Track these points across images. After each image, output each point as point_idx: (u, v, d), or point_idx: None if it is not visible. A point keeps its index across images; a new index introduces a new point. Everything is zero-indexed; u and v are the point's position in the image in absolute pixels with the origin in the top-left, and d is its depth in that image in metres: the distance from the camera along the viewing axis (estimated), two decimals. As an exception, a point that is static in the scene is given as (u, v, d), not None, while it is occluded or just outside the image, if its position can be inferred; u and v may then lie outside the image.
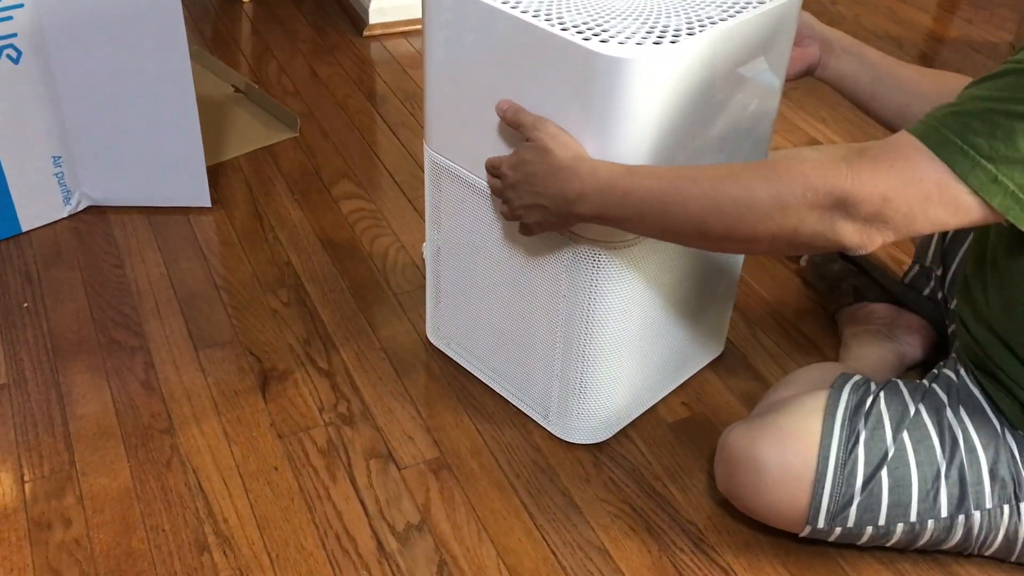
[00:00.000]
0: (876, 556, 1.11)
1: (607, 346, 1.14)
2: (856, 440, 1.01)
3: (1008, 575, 1.09)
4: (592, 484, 1.19)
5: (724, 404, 1.31)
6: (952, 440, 1.01)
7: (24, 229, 1.57)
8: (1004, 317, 1.00)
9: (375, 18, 2.26)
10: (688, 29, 0.96)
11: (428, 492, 1.17)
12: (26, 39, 1.42)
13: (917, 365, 1.34)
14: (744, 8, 1.01)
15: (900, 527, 1.02)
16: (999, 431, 1.01)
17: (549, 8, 0.99)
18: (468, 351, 1.32)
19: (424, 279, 1.39)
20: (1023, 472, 0.99)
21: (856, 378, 1.08)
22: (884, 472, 1.00)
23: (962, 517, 1.00)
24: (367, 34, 2.26)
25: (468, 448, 1.23)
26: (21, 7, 1.40)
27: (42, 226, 1.58)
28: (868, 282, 1.40)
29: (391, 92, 2.04)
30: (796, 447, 1.02)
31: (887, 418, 1.03)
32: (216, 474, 1.18)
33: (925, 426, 1.02)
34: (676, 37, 0.95)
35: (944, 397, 1.05)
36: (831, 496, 1.01)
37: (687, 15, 0.99)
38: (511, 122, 1.02)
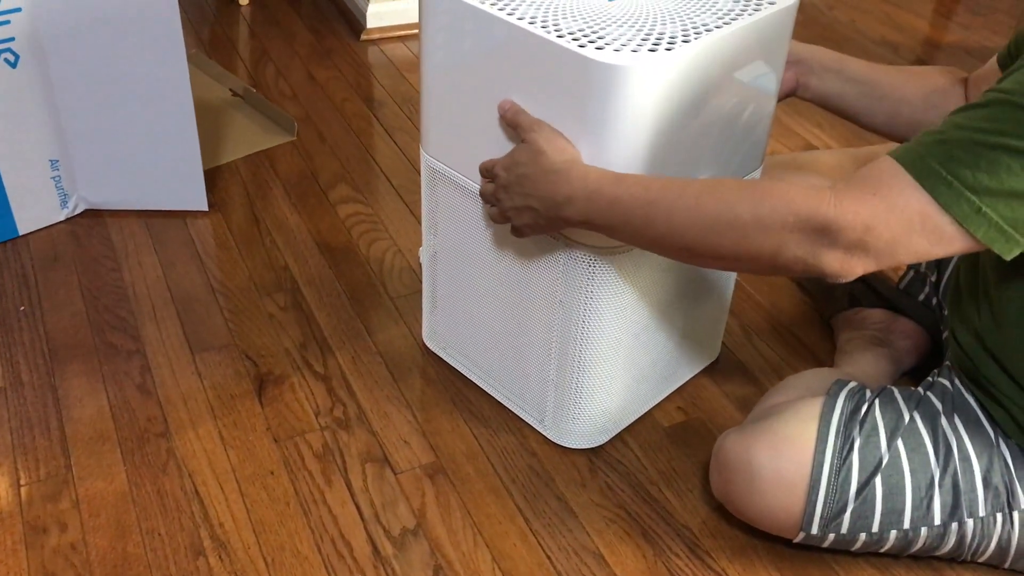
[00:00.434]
0: (870, 562, 1.11)
1: (602, 351, 1.15)
2: (851, 447, 1.01)
3: (1002, 580, 1.09)
4: (588, 489, 1.19)
5: (720, 409, 1.32)
6: (946, 448, 1.01)
7: (21, 232, 1.57)
8: (994, 334, 1.00)
9: (372, 22, 2.27)
10: (683, 36, 0.97)
11: (424, 497, 1.17)
12: (24, 43, 1.43)
13: (912, 370, 1.35)
14: (739, 15, 1.01)
15: (893, 534, 1.02)
16: (993, 439, 1.02)
17: (545, 15, 0.99)
18: (464, 355, 1.33)
19: (420, 283, 1.39)
20: (1016, 481, 0.99)
21: (851, 385, 1.08)
22: (878, 479, 1.00)
23: (955, 525, 1.01)
24: (364, 38, 2.27)
25: (464, 453, 1.23)
26: (19, 11, 1.40)
27: (39, 229, 1.59)
28: (863, 287, 1.40)
29: (388, 96, 2.04)
30: (791, 453, 1.02)
31: (882, 425, 1.03)
32: (212, 478, 1.18)
33: (919, 434, 1.02)
34: (671, 44, 0.95)
35: (939, 405, 1.05)
36: (825, 503, 1.01)
37: (682, 22, 0.99)
38: (510, 121, 1.03)
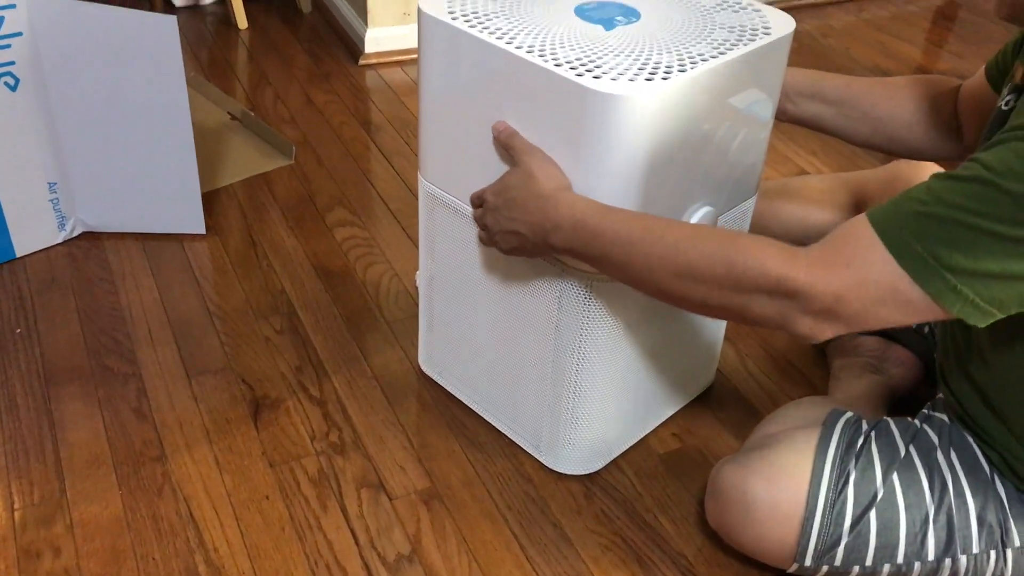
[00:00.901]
0: (865, 590, 1.11)
1: (598, 377, 1.15)
2: (846, 480, 1.01)
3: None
4: (583, 515, 1.19)
5: (715, 435, 1.32)
6: (941, 484, 1.01)
7: (18, 254, 1.57)
8: (987, 383, 1.00)
9: (371, 47, 2.28)
10: (680, 66, 0.98)
11: (419, 522, 1.17)
12: (24, 67, 1.43)
13: (905, 398, 1.35)
14: (735, 46, 1.03)
15: (887, 568, 1.02)
16: (989, 476, 1.01)
17: (543, 43, 1.01)
18: (460, 380, 1.33)
19: (417, 307, 1.40)
20: (1010, 519, 0.99)
21: (847, 416, 1.08)
22: (873, 513, 1.00)
23: (948, 560, 1.00)
24: (363, 63, 2.28)
25: (459, 478, 1.23)
26: (20, 35, 1.41)
27: (36, 251, 1.59)
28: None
29: (386, 120, 2.05)
30: (786, 485, 1.02)
31: (877, 459, 1.03)
32: (207, 502, 1.18)
33: (915, 469, 1.02)
34: (668, 74, 0.96)
35: (935, 439, 1.05)
36: (819, 535, 1.01)
37: (678, 52, 1.00)
38: (504, 143, 1.04)
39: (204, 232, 1.65)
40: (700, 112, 1.01)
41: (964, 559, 1.00)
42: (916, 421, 1.09)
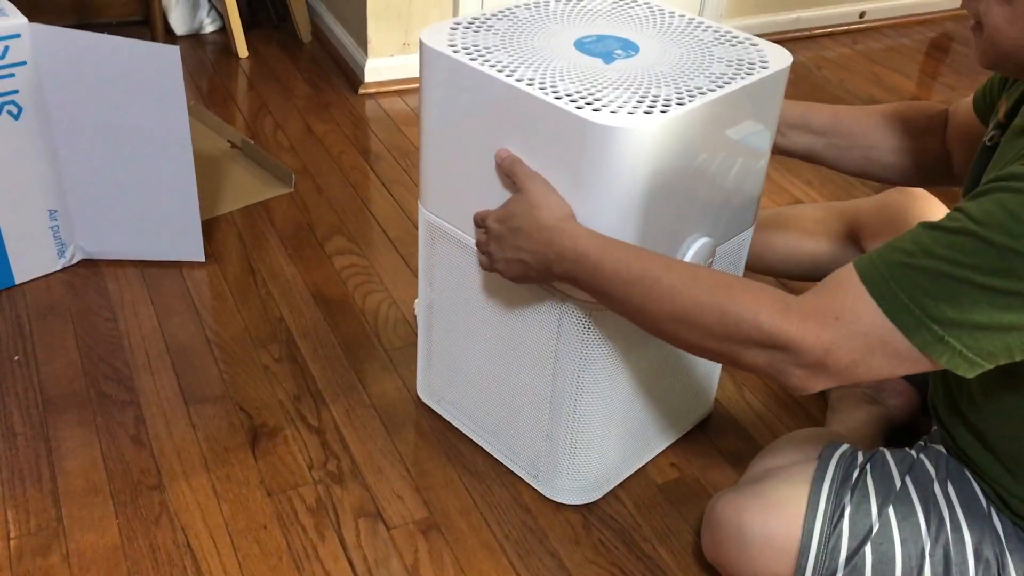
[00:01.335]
0: (864, 621, 1.11)
1: (597, 407, 1.15)
2: (841, 514, 1.01)
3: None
4: (581, 546, 1.19)
5: (713, 465, 1.32)
6: (938, 518, 1.00)
7: (17, 281, 1.57)
8: (978, 420, 1.00)
9: (370, 76, 2.30)
10: (678, 99, 0.99)
11: (417, 552, 1.17)
12: (27, 96, 1.44)
13: (903, 428, 1.35)
14: (732, 79, 1.04)
15: None
16: (986, 510, 1.01)
17: (543, 76, 1.02)
18: (458, 409, 1.33)
19: (415, 336, 1.40)
20: (1007, 554, 0.99)
21: (843, 449, 1.08)
22: (868, 548, 1.00)
23: None
24: (362, 92, 2.30)
25: (457, 508, 1.23)
26: (24, 64, 1.42)
27: (35, 279, 1.59)
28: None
29: (385, 149, 2.07)
30: (781, 519, 1.02)
31: (873, 492, 1.03)
32: (205, 532, 1.18)
33: (911, 502, 1.02)
34: (667, 107, 0.97)
35: (932, 472, 1.05)
36: (815, 570, 1.00)
37: (676, 85, 1.02)
38: (506, 171, 1.04)
39: (203, 260, 1.65)
40: (698, 144, 1.02)
41: None
42: (913, 452, 1.09)
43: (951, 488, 1.03)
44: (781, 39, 2.66)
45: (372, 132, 2.14)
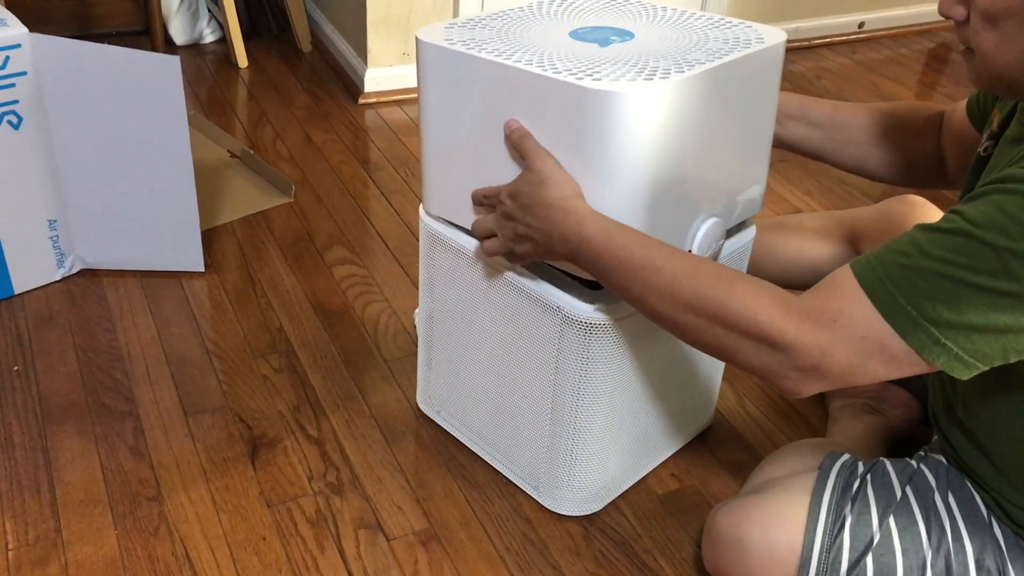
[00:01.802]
0: (866, 633, 1.10)
1: (597, 418, 1.15)
2: (842, 525, 1.01)
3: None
4: (582, 557, 1.18)
5: (714, 476, 1.32)
6: (939, 528, 1.00)
7: (16, 291, 1.57)
8: (978, 427, 1.00)
9: (370, 86, 2.30)
10: (677, 68, 0.98)
11: (417, 564, 1.16)
12: (27, 106, 1.45)
13: (904, 438, 1.35)
14: (730, 52, 1.03)
15: None
16: (987, 520, 1.01)
17: (540, 59, 1.01)
18: (458, 420, 1.33)
19: (415, 346, 1.40)
20: (1008, 563, 0.98)
21: (844, 459, 1.08)
22: (869, 559, 1.00)
23: None
24: (362, 102, 2.30)
25: (457, 519, 1.22)
26: (24, 75, 1.42)
27: (35, 288, 1.59)
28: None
29: (385, 159, 2.07)
30: (782, 530, 1.02)
31: (873, 503, 1.02)
32: (204, 543, 1.17)
33: (912, 512, 1.02)
34: (666, 75, 0.97)
35: (933, 481, 1.04)
36: None
37: (675, 59, 1.01)
38: (515, 143, 1.03)
39: (203, 270, 1.65)
40: (700, 114, 1.01)
41: None
42: (913, 462, 1.09)
43: (952, 498, 1.03)
44: (780, 49, 2.66)
45: (372, 142, 2.14)
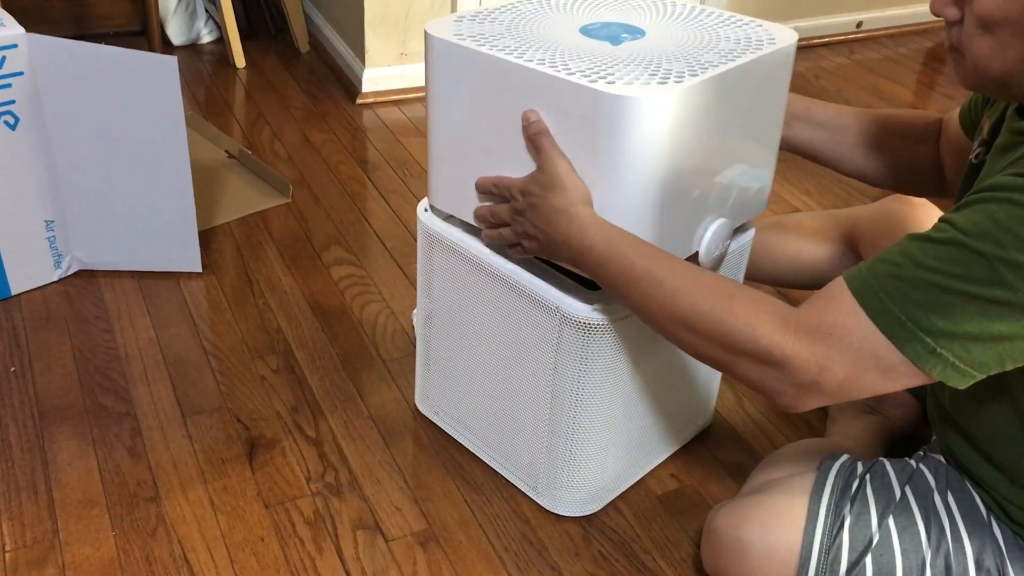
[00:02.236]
0: (866, 634, 1.10)
1: (596, 419, 1.15)
2: (841, 525, 1.01)
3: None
4: (581, 558, 1.18)
5: (713, 476, 1.31)
6: (939, 528, 1.00)
7: (13, 292, 1.57)
8: (977, 428, 1.00)
9: (368, 86, 2.30)
10: (691, 72, 0.98)
11: (415, 565, 1.16)
12: (24, 106, 1.44)
13: (904, 438, 1.35)
14: (742, 54, 1.03)
15: None
16: (986, 519, 1.01)
17: (552, 57, 1.01)
18: (457, 420, 1.32)
19: (413, 346, 1.39)
20: (1008, 563, 0.98)
21: (843, 459, 1.08)
22: (869, 559, 0.99)
23: None
24: (360, 102, 2.30)
25: (456, 520, 1.22)
26: (20, 75, 1.42)
27: (32, 289, 1.58)
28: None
29: (383, 159, 2.06)
30: (781, 531, 1.02)
31: (873, 503, 1.02)
32: (202, 544, 1.17)
33: (911, 512, 1.01)
34: (680, 79, 0.96)
35: (932, 481, 1.04)
36: None
37: (687, 61, 1.01)
38: (531, 138, 1.02)
39: (200, 270, 1.65)
40: (712, 117, 1.01)
41: None
42: (912, 462, 1.09)
43: (951, 498, 1.02)
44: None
45: (370, 142, 2.13)
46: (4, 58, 1.40)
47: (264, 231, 1.79)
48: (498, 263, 1.13)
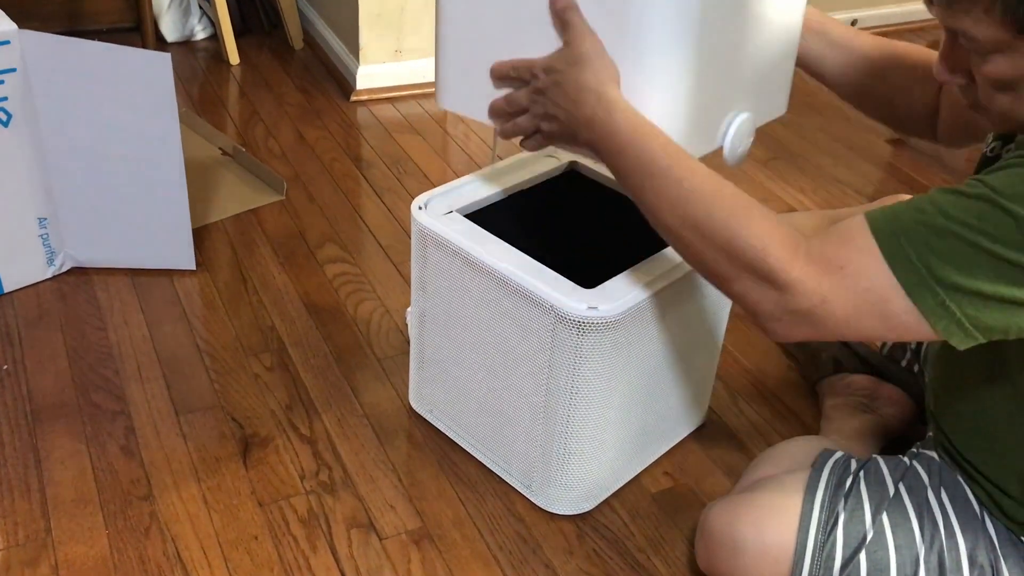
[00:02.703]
0: (859, 632, 1.10)
1: (590, 417, 1.15)
2: (835, 522, 1.01)
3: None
4: (575, 556, 1.18)
5: (707, 474, 1.31)
6: (932, 524, 1.01)
7: (6, 290, 1.56)
8: (981, 417, 1.00)
9: (362, 83, 2.30)
10: None
11: (410, 564, 1.16)
12: (16, 102, 1.43)
13: (898, 437, 1.35)
14: None
15: None
16: (979, 515, 1.01)
17: None
18: (451, 418, 1.32)
19: (408, 345, 1.39)
20: (1001, 558, 0.99)
21: (837, 456, 1.08)
22: (863, 555, 1.00)
23: None
24: (354, 99, 2.29)
25: (450, 518, 1.22)
26: (13, 71, 1.41)
27: (25, 287, 1.58)
28: (848, 353, 1.41)
29: (377, 157, 2.06)
30: (775, 528, 1.02)
31: (866, 499, 1.02)
32: (195, 543, 1.16)
33: (905, 508, 1.02)
34: None
35: (925, 478, 1.05)
36: None
37: None
38: (559, 13, 0.99)
39: (194, 268, 1.64)
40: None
41: None
42: (906, 459, 1.09)
43: (944, 494, 1.03)
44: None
45: (364, 139, 2.13)
46: (-4, 55, 1.39)
47: (258, 228, 1.78)
48: (492, 262, 1.12)
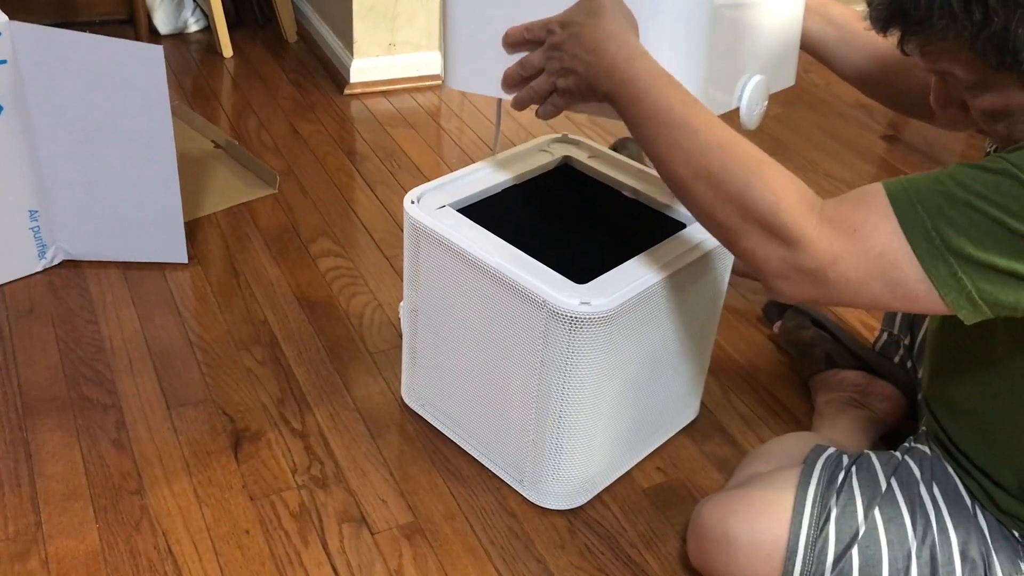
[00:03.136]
0: (850, 627, 1.10)
1: (582, 412, 1.15)
2: (827, 517, 1.01)
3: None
4: (567, 551, 1.18)
5: (699, 469, 1.31)
6: (924, 519, 1.01)
7: (-3, 283, 1.56)
8: (979, 405, 1.00)
9: (356, 77, 2.29)
10: None
11: (401, 558, 1.16)
12: (7, 94, 1.43)
13: (890, 432, 1.35)
14: None
15: None
16: (971, 509, 1.02)
17: None
18: (443, 413, 1.32)
19: (400, 339, 1.39)
20: (993, 552, 0.99)
21: (829, 452, 1.08)
22: (855, 550, 1.00)
23: None
24: (348, 92, 2.29)
25: (442, 512, 1.22)
26: (5, 63, 1.40)
27: (16, 280, 1.57)
28: (840, 349, 1.41)
29: (371, 150, 2.05)
30: (767, 524, 1.02)
31: (858, 495, 1.03)
32: (186, 537, 1.16)
33: (897, 503, 1.02)
34: None
35: (917, 472, 1.05)
36: (802, 574, 1.00)
37: None
38: None
39: (186, 261, 1.64)
40: None
41: None
42: (898, 454, 1.10)
43: (936, 489, 1.03)
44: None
45: (357, 133, 2.12)
46: (-13, 46, 1.38)
47: (251, 222, 1.78)
48: (485, 256, 1.12)
